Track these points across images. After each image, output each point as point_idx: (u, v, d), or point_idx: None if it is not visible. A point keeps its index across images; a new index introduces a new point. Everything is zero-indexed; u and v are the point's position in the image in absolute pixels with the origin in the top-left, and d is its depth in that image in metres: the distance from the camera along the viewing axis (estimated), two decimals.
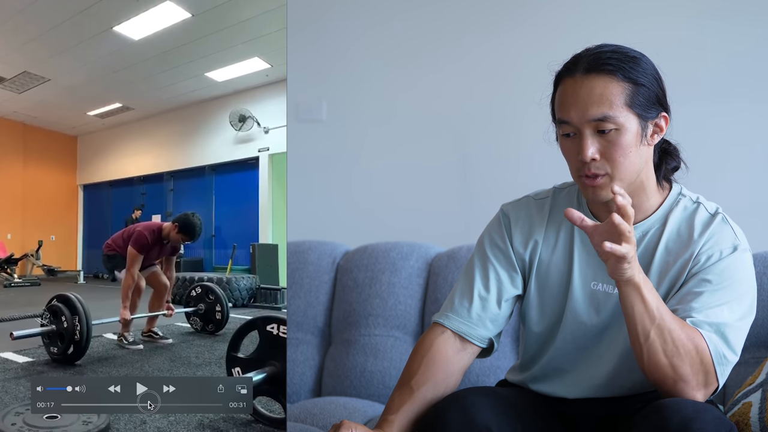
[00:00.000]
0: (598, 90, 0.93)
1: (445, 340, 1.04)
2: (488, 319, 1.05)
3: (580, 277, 1.04)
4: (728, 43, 1.87)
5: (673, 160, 1.05)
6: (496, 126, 2.09)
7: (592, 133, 0.94)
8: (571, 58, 0.98)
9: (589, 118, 0.93)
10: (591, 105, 0.93)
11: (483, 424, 0.89)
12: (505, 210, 1.12)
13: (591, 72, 0.94)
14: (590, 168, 0.95)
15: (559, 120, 0.98)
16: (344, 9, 2.21)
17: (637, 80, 0.94)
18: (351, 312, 1.70)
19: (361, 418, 1.39)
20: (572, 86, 0.95)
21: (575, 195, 1.09)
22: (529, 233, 1.08)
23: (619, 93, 0.93)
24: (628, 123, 0.93)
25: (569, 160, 0.99)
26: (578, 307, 1.03)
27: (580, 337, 1.04)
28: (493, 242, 1.10)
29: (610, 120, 0.92)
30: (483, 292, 1.06)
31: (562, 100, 0.97)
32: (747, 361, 1.33)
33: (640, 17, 1.91)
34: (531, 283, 1.08)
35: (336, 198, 2.23)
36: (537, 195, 1.12)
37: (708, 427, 0.81)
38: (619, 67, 0.93)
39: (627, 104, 0.93)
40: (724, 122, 1.88)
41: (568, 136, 0.97)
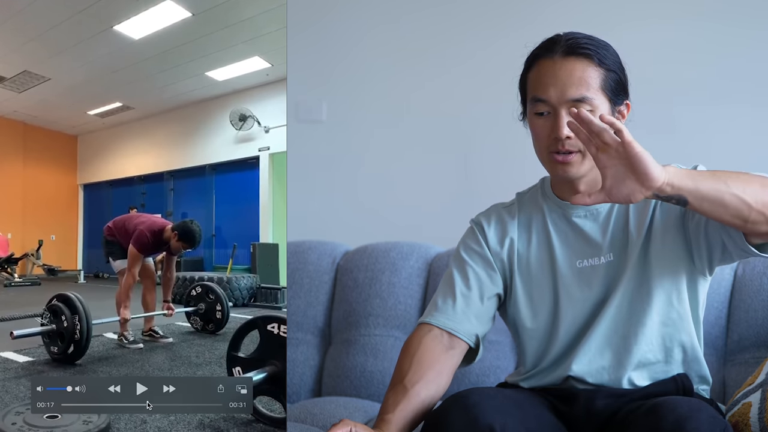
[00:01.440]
0: (578, 73, 0.97)
1: (432, 338, 1.05)
2: (472, 315, 1.07)
3: (565, 260, 1.06)
4: (730, 47, 1.87)
5: None
6: (497, 127, 2.08)
7: (568, 113, 0.96)
8: (546, 40, 1.02)
9: (568, 98, 0.96)
10: (570, 86, 0.96)
11: (486, 424, 0.89)
12: (475, 220, 1.16)
13: (570, 55, 0.98)
14: (564, 144, 0.98)
15: (534, 98, 1.00)
16: (344, 10, 2.21)
17: (609, 66, 0.98)
18: (351, 312, 1.70)
19: (361, 418, 1.39)
20: (551, 67, 0.98)
21: (539, 191, 1.13)
22: (502, 233, 1.11)
23: (596, 77, 0.97)
24: (602, 105, 0.97)
25: (539, 139, 1.02)
26: (571, 288, 1.05)
27: (580, 317, 1.05)
28: (468, 247, 1.13)
29: (587, 101, 0.96)
30: (465, 290, 1.08)
31: (539, 80, 1.00)
32: (747, 361, 1.33)
33: (641, 19, 1.91)
34: (515, 281, 1.09)
35: (336, 198, 2.23)
36: (503, 203, 1.16)
37: (702, 427, 0.81)
38: (595, 52, 0.98)
39: (602, 87, 0.97)
40: (726, 126, 1.88)
41: (541, 115, 1.00)
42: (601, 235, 1.05)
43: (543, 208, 1.10)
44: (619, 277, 1.03)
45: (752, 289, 1.36)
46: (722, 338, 1.39)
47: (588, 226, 1.06)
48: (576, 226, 1.06)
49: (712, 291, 1.02)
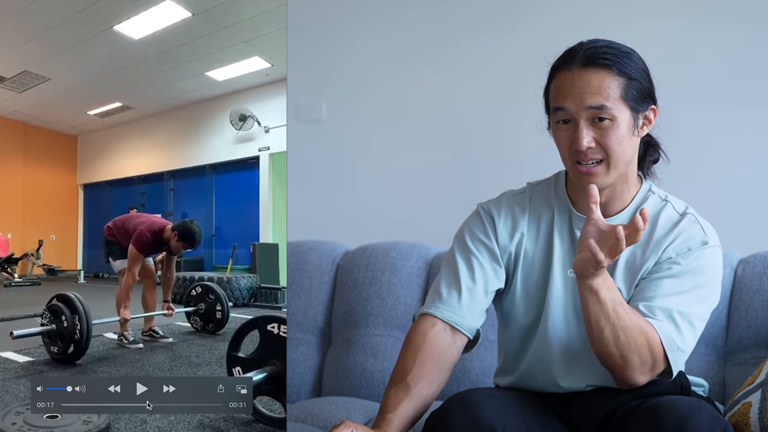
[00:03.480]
0: (596, 83, 0.96)
1: (436, 333, 1.04)
2: (476, 310, 1.07)
3: (559, 266, 1.06)
4: (730, 47, 1.87)
5: (655, 152, 1.09)
6: (497, 127, 2.09)
7: (587, 122, 0.97)
8: (566, 50, 1.01)
9: (586, 106, 0.96)
10: (588, 95, 0.96)
11: (487, 424, 0.89)
12: (485, 207, 1.14)
13: (588, 66, 0.97)
14: (587, 155, 0.97)
15: (554, 107, 1.00)
16: (344, 10, 2.21)
17: (630, 75, 0.97)
18: (351, 312, 1.70)
19: (361, 418, 1.39)
20: (569, 78, 0.98)
21: (552, 188, 1.12)
22: (513, 226, 1.11)
23: (615, 86, 0.96)
24: (621, 115, 0.97)
25: (562, 148, 1.01)
26: (558, 295, 1.06)
27: (563, 326, 1.05)
28: (475, 237, 1.11)
29: (606, 110, 0.96)
30: (470, 283, 1.08)
31: (558, 90, 1.00)
32: (747, 361, 1.33)
33: (642, 19, 1.91)
34: (517, 275, 1.10)
35: (336, 198, 2.23)
36: (513, 191, 1.15)
37: (703, 427, 0.81)
38: (614, 62, 0.97)
39: (621, 97, 0.96)
40: (726, 125, 1.88)
41: (563, 124, 1.00)
42: None
43: (554, 209, 1.10)
44: None
45: (752, 289, 1.36)
46: (722, 338, 1.39)
47: None
48: (575, 238, 1.06)
49: None
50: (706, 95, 1.88)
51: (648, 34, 1.89)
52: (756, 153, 1.88)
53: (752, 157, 1.89)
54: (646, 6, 1.96)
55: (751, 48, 1.86)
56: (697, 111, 1.84)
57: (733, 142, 1.89)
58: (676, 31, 1.91)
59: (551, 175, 1.14)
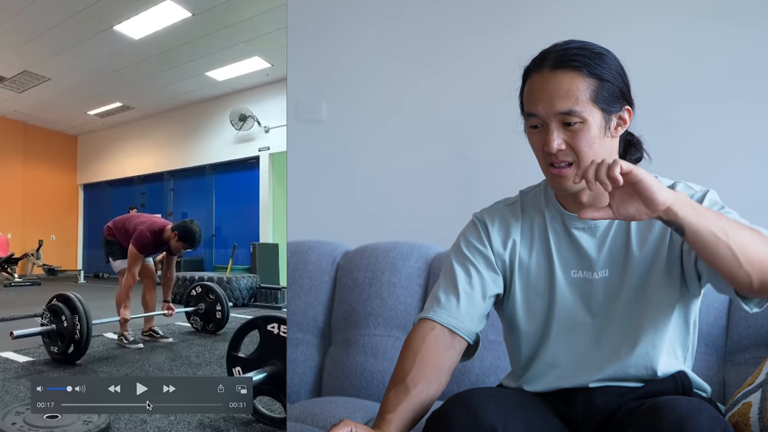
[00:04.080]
0: (565, 86, 0.97)
1: (435, 337, 1.05)
2: (475, 315, 1.08)
3: (561, 268, 1.07)
4: (729, 45, 1.87)
5: (637, 151, 1.10)
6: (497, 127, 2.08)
7: (558, 126, 0.98)
8: (539, 53, 1.02)
9: (555, 111, 0.97)
10: (557, 99, 0.96)
11: (488, 424, 0.89)
12: (479, 216, 1.15)
13: (558, 68, 0.98)
14: (557, 157, 0.98)
15: (527, 113, 1.02)
16: (344, 9, 2.21)
17: (601, 76, 0.97)
18: (351, 312, 1.70)
19: (361, 418, 1.39)
20: (540, 81, 0.99)
21: (542, 194, 1.12)
22: (506, 234, 1.11)
23: (585, 88, 0.97)
24: (591, 117, 0.97)
25: (536, 151, 1.03)
26: (565, 297, 1.06)
27: (572, 327, 1.05)
28: (470, 244, 1.12)
29: (575, 114, 0.96)
30: (468, 288, 1.08)
31: (530, 95, 1.01)
32: (747, 361, 1.33)
33: (640, 16, 1.91)
34: (515, 284, 1.10)
35: (336, 198, 2.23)
36: (506, 201, 1.16)
37: (703, 427, 0.81)
38: (584, 63, 0.97)
39: (592, 99, 0.97)
40: (725, 123, 1.88)
41: (535, 128, 1.01)
42: (596, 250, 1.05)
43: (545, 214, 1.10)
44: (616, 292, 1.04)
45: None
46: (722, 338, 1.39)
47: (584, 239, 1.06)
48: (573, 238, 1.07)
49: (712, 291, 1.02)
50: (704, 93, 1.87)
51: (645, 32, 1.90)
52: (757, 153, 1.88)
53: (752, 157, 1.89)
54: (646, 6, 1.96)
55: (756, 46, 1.86)
56: (697, 110, 1.84)
57: (734, 142, 1.89)
58: (677, 30, 1.91)
59: (540, 182, 1.15)
